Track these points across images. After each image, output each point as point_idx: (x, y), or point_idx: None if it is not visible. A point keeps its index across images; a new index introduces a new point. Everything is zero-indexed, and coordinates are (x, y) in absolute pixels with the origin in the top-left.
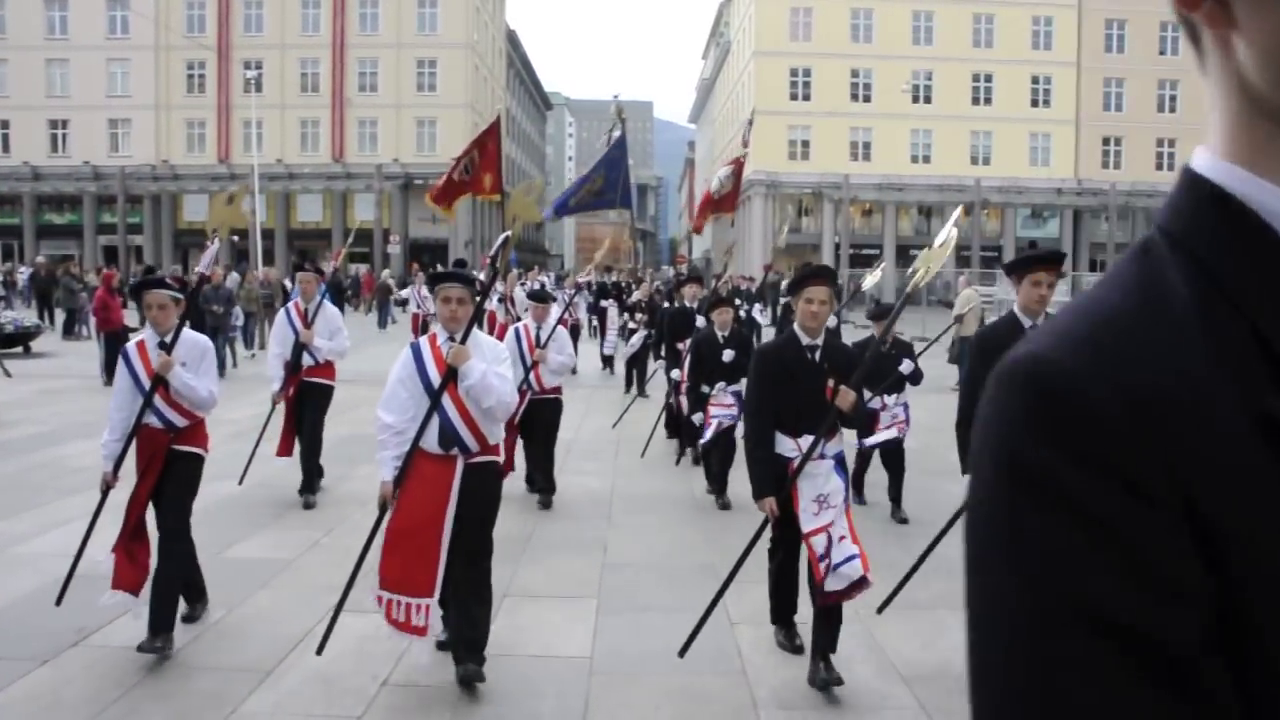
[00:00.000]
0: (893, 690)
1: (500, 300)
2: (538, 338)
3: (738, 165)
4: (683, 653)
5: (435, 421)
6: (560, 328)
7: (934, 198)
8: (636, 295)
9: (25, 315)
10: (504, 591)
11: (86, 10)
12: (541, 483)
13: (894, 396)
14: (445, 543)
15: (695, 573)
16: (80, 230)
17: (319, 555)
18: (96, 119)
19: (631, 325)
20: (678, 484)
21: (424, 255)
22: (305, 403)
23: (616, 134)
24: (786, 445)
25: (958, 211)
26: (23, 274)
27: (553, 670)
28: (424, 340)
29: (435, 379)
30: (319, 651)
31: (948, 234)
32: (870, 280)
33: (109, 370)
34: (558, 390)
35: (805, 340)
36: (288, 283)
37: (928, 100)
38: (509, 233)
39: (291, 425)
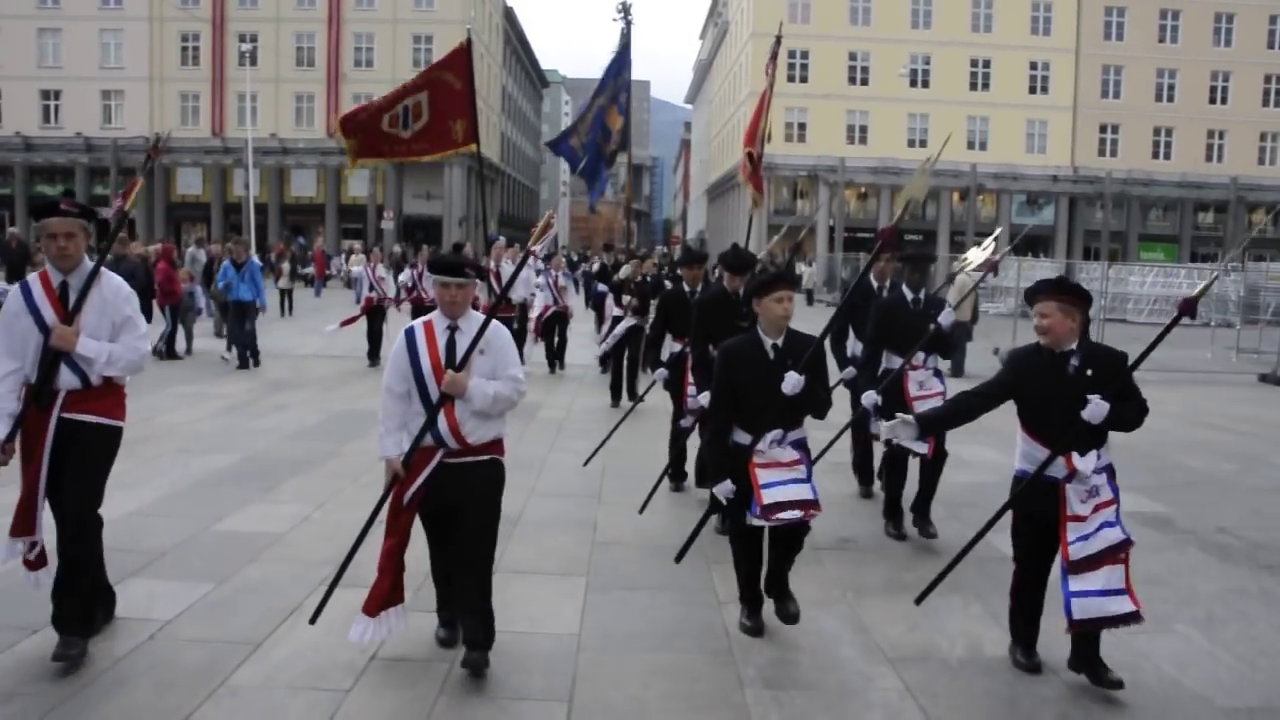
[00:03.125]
0: (877, 671)
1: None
2: (450, 348)
3: (764, 102)
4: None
5: None
6: (499, 330)
7: (930, 182)
8: (625, 271)
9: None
10: (493, 568)
11: None
12: (472, 634)
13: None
14: None
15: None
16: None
17: (310, 529)
18: (89, 90)
19: (616, 312)
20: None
21: (418, 232)
22: (66, 458)
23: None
24: None
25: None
26: None
27: (540, 647)
28: None
29: None
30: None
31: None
32: (979, 257)
33: (171, 343)
34: (494, 448)
35: None
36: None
37: (925, 84)
38: None
39: (34, 496)
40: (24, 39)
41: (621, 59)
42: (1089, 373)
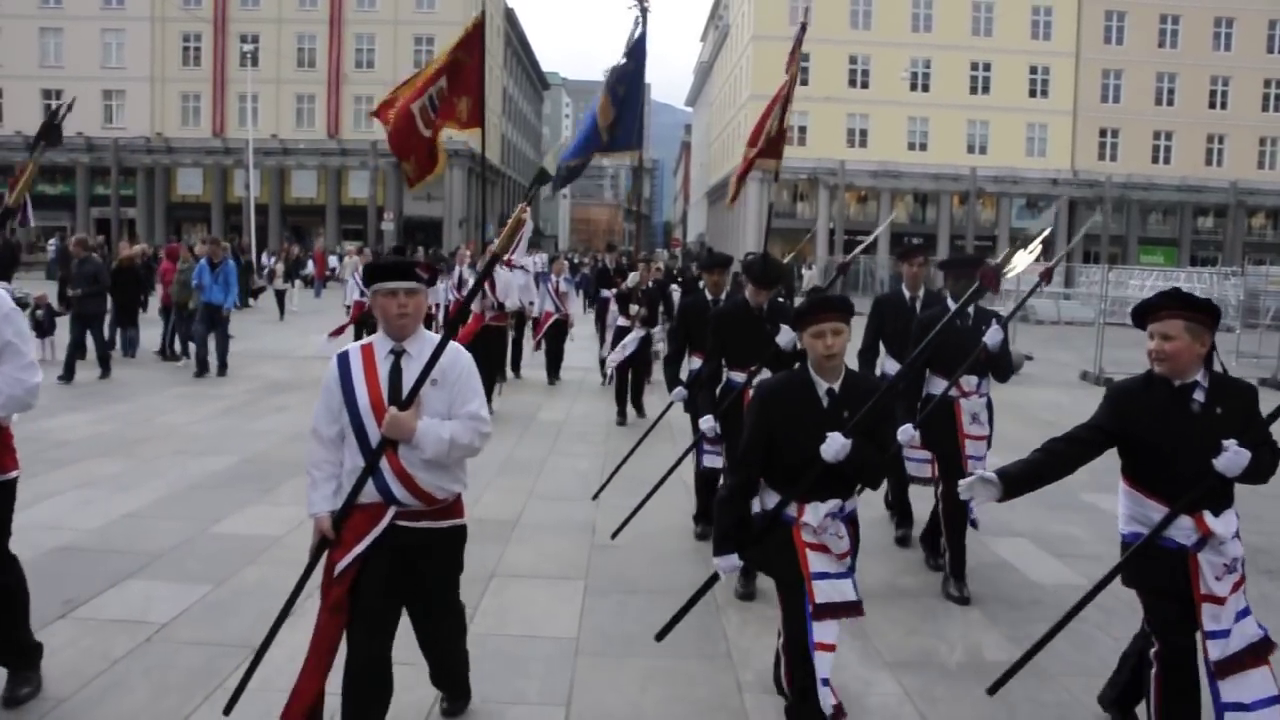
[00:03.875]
0: (876, 676)
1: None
2: (394, 378)
3: (784, 95)
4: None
5: None
6: (457, 355)
7: (930, 186)
8: (632, 279)
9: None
10: (491, 571)
11: None
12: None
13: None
14: None
15: (683, 555)
16: (73, 202)
17: (308, 532)
18: (90, 90)
19: (622, 322)
20: (666, 466)
21: (419, 234)
22: None
23: (637, 32)
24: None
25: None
26: (51, 247)
27: (538, 650)
28: None
29: None
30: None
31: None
32: (1025, 262)
33: (180, 342)
34: (455, 510)
35: None
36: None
37: (925, 88)
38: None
39: None
40: (26, 38)
41: (639, 50)
42: (1218, 410)
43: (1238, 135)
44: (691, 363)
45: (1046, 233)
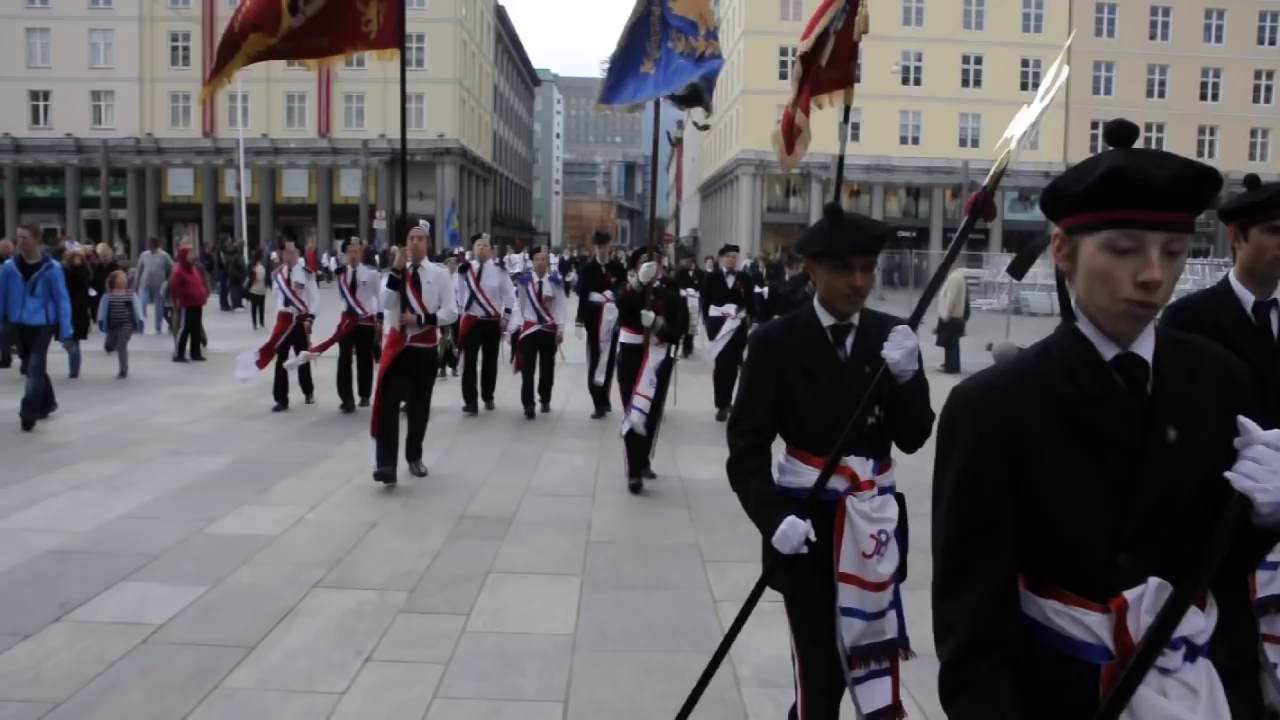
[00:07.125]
0: None
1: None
2: None
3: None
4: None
5: None
6: None
7: (922, 180)
8: (645, 272)
9: None
10: (488, 568)
11: None
12: None
13: None
14: None
15: (679, 551)
16: (62, 203)
17: (303, 531)
18: (79, 90)
19: (630, 338)
20: (663, 464)
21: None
22: None
23: None
24: None
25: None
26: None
27: (535, 647)
28: None
29: None
30: None
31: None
32: None
33: (187, 347)
34: None
35: None
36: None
37: (917, 82)
38: None
39: None
40: (12, 39)
41: None
42: None
43: (1229, 127)
44: (797, 472)
45: None
